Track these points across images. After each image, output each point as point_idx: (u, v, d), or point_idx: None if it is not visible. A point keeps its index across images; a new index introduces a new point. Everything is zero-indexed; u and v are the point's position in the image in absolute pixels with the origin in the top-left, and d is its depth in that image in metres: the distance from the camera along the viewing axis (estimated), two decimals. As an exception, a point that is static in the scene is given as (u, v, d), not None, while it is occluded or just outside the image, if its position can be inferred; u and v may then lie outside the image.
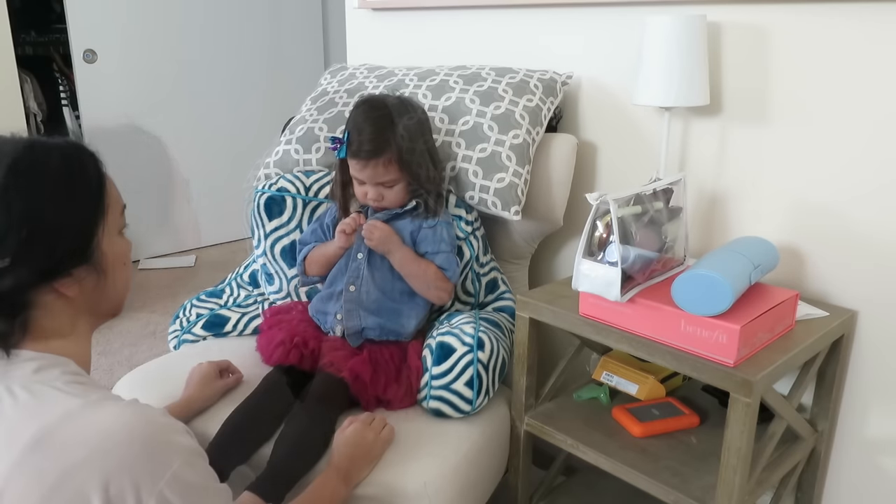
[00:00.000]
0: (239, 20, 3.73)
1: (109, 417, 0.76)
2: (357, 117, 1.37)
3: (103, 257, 0.86)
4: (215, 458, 1.19)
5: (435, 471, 1.20)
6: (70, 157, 0.85)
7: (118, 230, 0.90)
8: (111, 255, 0.87)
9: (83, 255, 0.84)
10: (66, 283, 0.83)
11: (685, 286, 1.09)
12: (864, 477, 1.35)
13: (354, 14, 2.06)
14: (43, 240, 0.80)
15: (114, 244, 0.88)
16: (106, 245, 0.86)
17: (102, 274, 0.86)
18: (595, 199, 1.12)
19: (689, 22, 1.27)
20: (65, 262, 0.82)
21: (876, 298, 1.27)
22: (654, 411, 1.32)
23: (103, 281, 0.87)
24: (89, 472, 0.72)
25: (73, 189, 0.83)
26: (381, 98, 1.42)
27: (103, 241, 0.86)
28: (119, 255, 0.90)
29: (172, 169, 3.68)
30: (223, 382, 1.37)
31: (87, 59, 3.28)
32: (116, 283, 0.90)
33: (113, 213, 0.88)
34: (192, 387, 1.34)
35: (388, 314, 1.42)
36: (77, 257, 0.83)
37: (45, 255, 0.80)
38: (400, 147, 1.34)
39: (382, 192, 1.38)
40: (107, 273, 0.87)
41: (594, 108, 1.61)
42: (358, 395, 1.31)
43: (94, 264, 0.85)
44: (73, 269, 0.83)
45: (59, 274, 0.82)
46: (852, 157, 1.26)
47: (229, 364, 1.41)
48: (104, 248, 0.86)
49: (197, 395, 1.32)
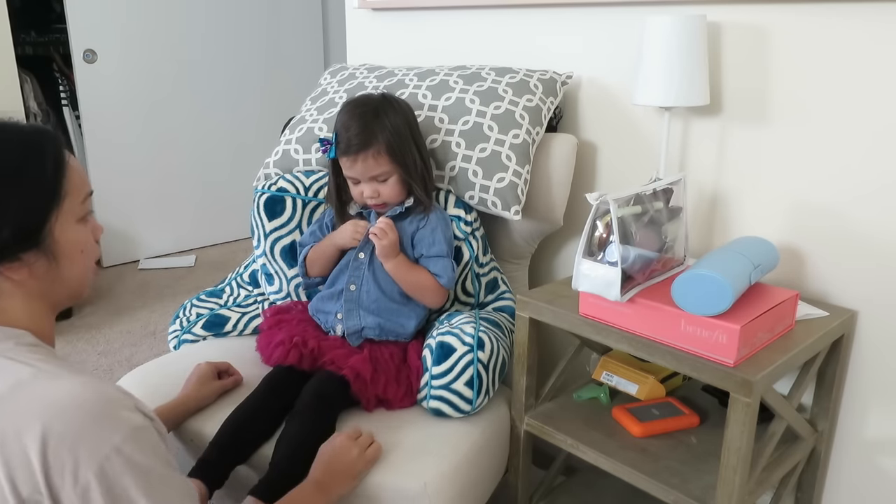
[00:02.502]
0: (239, 20, 3.73)
1: (59, 388, 0.76)
2: (343, 117, 1.39)
3: (55, 244, 0.85)
4: (215, 458, 1.21)
5: (435, 471, 1.20)
6: (27, 141, 0.85)
7: (78, 217, 0.89)
8: (65, 241, 0.87)
9: (31, 239, 0.84)
10: (13, 266, 0.83)
11: (685, 286, 1.09)
12: (864, 477, 1.35)
13: (354, 14, 2.06)
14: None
15: (69, 231, 0.87)
16: (59, 231, 0.86)
17: (54, 260, 0.86)
18: (595, 199, 1.12)
19: (689, 22, 1.27)
20: (10, 246, 0.82)
21: (876, 298, 1.27)
22: (654, 411, 1.32)
23: (55, 267, 0.86)
24: (32, 439, 0.72)
25: (24, 173, 0.83)
26: (364, 96, 1.45)
27: (56, 227, 0.85)
28: (76, 243, 0.89)
29: (172, 168, 3.68)
30: (220, 383, 1.36)
31: (87, 59, 3.28)
32: (71, 270, 0.89)
33: (72, 201, 0.87)
34: (188, 386, 1.34)
35: (388, 314, 1.42)
36: (24, 242, 0.83)
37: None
38: (388, 138, 1.36)
39: (378, 187, 1.39)
40: (59, 259, 0.86)
41: (594, 108, 1.61)
42: (358, 393, 1.31)
43: (44, 250, 0.85)
44: (20, 254, 0.83)
45: (5, 258, 0.83)
46: (852, 157, 1.26)
47: (229, 366, 1.41)
48: (56, 235, 0.85)
49: (192, 394, 1.32)
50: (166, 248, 3.74)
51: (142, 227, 3.63)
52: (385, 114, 1.37)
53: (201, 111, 3.71)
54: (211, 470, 1.19)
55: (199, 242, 3.87)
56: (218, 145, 3.80)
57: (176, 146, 3.67)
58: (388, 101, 1.41)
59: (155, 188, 3.64)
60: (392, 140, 1.36)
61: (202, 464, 1.19)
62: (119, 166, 3.47)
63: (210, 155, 3.79)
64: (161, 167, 3.64)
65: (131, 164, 3.52)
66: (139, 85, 3.47)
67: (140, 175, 3.56)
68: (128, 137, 3.48)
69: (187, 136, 3.69)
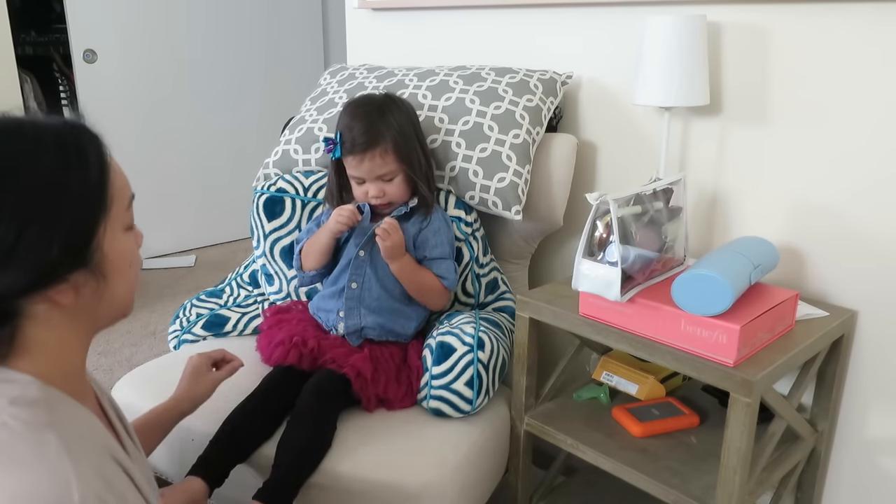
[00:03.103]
0: (239, 20, 3.73)
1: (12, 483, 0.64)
2: (346, 116, 1.39)
3: (104, 259, 0.75)
4: (215, 456, 1.21)
5: (435, 471, 1.20)
6: (66, 142, 0.73)
7: (124, 226, 0.78)
8: (114, 255, 0.76)
9: (81, 258, 0.73)
10: (60, 290, 0.72)
11: (685, 286, 1.09)
12: (864, 477, 1.35)
13: (354, 14, 2.06)
14: (33, 245, 0.69)
15: (118, 242, 0.77)
16: (108, 244, 0.75)
17: (103, 278, 0.75)
18: (595, 199, 1.12)
19: (689, 22, 1.27)
20: (59, 267, 0.71)
21: (876, 298, 1.27)
22: (654, 411, 1.32)
23: (104, 285, 0.76)
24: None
25: (69, 183, 0.72)
26: (367, 95, 1.46)
27: (105, 240, 0.74)
28: (124, 255, 0.78)
29: (172, 169, 3.69)
30: (215, 376, 1.25)
31: (87, 59, 3.28)
32: (119, 286, 0.78)
33: (118, 207, 0.76)
34: (181, 384, 1.23)
35: (389, 314, 1.42)
36: (74, 261, 0.72)
37: (36, 261, 0.69)
38: (394, 136, 1.35)
39: (383, 187, 1.38)
40: (108, 277, 0.76)
41: (594, 108, 1.61)
42: (359, 392, 1.31)
43: (93, 268, 0.74)
44: (68, 275, 0.72)
45: (53, 281, 0.71)
46: (852, 157, 1.26)
47: (224, 354, 1.29)
48: (106, 249, 0.75)
49: (185, 395, 1.20)
50: (166, 248, 3.74)
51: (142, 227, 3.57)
52: (390, 112, 1.37)
53: (201, 111, 3.70)
54: (211, 468, 1.19)
55: (199, 242, 3.87)
56: (218, 145, 3.80)
57: (176, 146, 3.67)
58: (392, 101, 1.41)
59: (155, 188, 3.63)
60: (398, 139, 1.36)
61: (202, 462, 1.19)
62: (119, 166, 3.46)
63: (210, 155, 3.79)
64: (161, 167, 3.64)
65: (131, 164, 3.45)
66: (139, 85, 3.47)
67: (140, 175, 3.55)
68: (128, 137, 3.48)
69: (187, 136, 3.69)
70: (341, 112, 1.42)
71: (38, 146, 0.71)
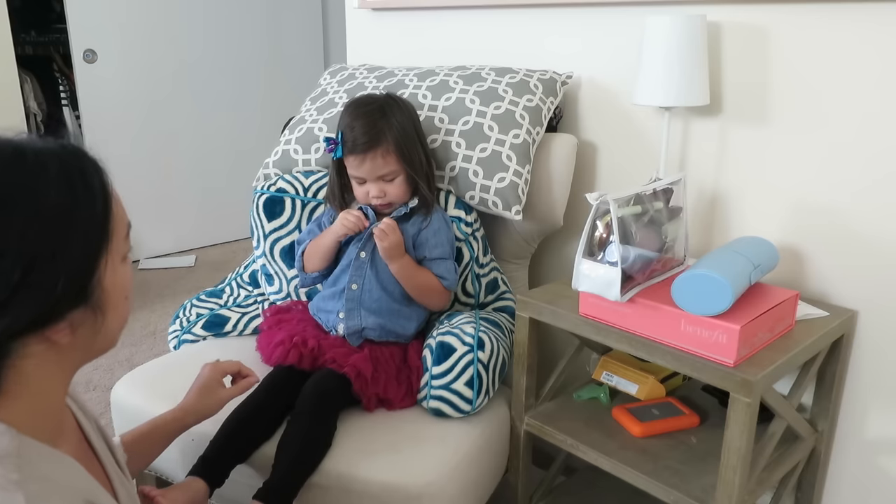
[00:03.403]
0: (239, 20, 3.73)
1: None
2: (348, 116, 1.39)
3: (104, 294, 0.71)
4: (216, 456, 1.21)
5: (435, 471, 1.20)
6: (70, 171, 0.68)
7: (122, 256, 0.74)
8: (113, 289, 0.72)
9: (83, 294, 0.69)
10: (58, 329, 0.68)
11: (685, 286, 1.09)
12: (864, 477, 1.35)
13: (354, 14, 2.06)
14: (38, 281, 0.64)
15: (116, 275, 0.73)
16: (108, 279, 0.71)
17: (101, 314, 0.71)
18: (595, 199, 1.12)
19: (689, 22, 1.27)
20: (62, 304, 0.67)
21: (876, 298, 1.27)
22: (654, 411, 1.32)
23: (101, 321, 0.72)
24: None
25: (76, 215, 0.67)
26: (368, 95, 1.45)
27: (106, 274, 0.70)
28: (121, 288, 0.74)
29: (172, 169, 3.69)
30: (226, 393, 1.21)
31: (87, 59, 3.28)
32: (115, 321, 0.75)
33: (117, 238, 0.73)
34: (190, 396, 1.20)
35: (390, 315, 1.42)
36: (76, 298, 0.68)
37: (39, 299, 0.65)
38: (396, 136, 1.35)
39: (384, 187, 1.38)
40: (106, 312, 0.72)
41: (594, 108, 1.61)
42: (360, 392, 1.31)
43: (92, 305, 0.70)
44: (68, 313, 0.68)
45: (53, 320, 0.67)
46: (852, 157, 1.26)
47: (239, 367, 1.25)
48: (106, 284, 0.71)
49: (191, 407, 1.18)
50: (166, 248, 3.74)
51: (142, 227, 3.60)
52: (392, 112, 1.37)
53: (201, 111, 3.70)
54: (211, 468, 1.19)
55: (199, 242, 3.87)
56: (218, 145, 3.80)
57: (176, 146, 3.67)
58: (393, 100, 1.41)
59: (155, 188, 3.64)
60: (399, 139, 1.36)
61: (203, 462, 1.19)
62: (119, 166, 3.38)
63: (210, 155, 3.79)
64: (161, 167, 3.64)
65: (131, 163, 3.51)
66: (139, 85, 3.47)
67: (140, 175, 3.56)
68: (128, 137, 3.48)
69: (187, 135, 3.69)
70: (342, 111, 1.42)
71: (43, 176, 0.66)
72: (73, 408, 0.85)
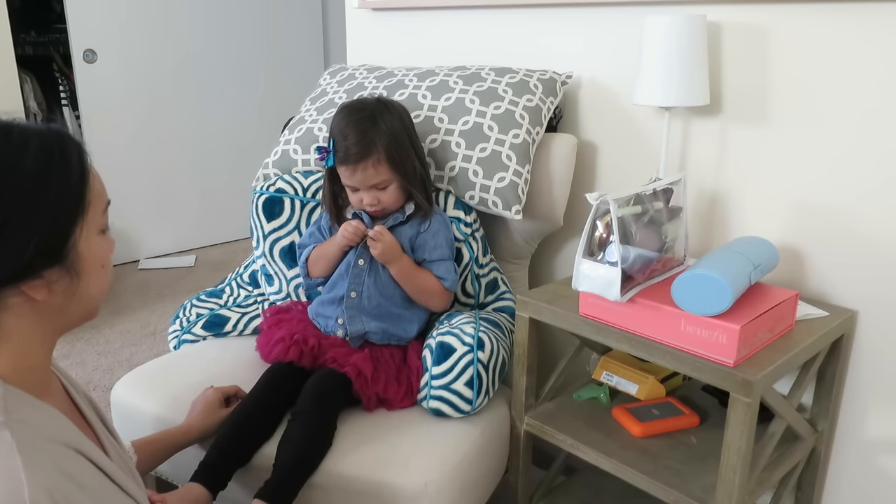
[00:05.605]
0: (239, 20, 3.73)
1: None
2: (339, 123, 1.37)
3: (79, 259, 0.78)
4: (217, 461, 1.21)
5: (435, 471, 1.20)
6: (50, 147, 0.77)
7: (99, 229, 0.82)
8: (88, 256, 0.80)
9: (56, 256, 0.76)
10: (34, 285, 0.75)
11: (685, 286, 1.09)
12: (864, 477, 1.35)
13: (354, 14, 2.06)
14: (12, 238, 0.73)
15: (92, 245, 0.81)
16: (83, 246, 0.79)
17: (76, 277, 0.79)
18: (595, 199, 1.12)
19: (689, 22, 1.27)
20: (35, 263, 0.74)
21: (876, 298, 1.27)
22: (654, 411, 1.32)
23: (76, 284, 0.79)
24: None
25: (51, 183, 0.76)
26: (359, 101, 1.43)
27: (80, 241, 0.78)
28: (97, 257, 0.82)
29: (172, 169, 3.69)
30: (227, 413, 1.29)
31: (87, 59, 3.28)
32: (91, 286, 0.81)
33: (94, 211, 0.80)
34: (193, 415, 1.29)
35: (391, 319, 1.42)
36: (49, 258, 0.76)
37: (13, 254, 0.73)
38: (387, 145, 1.34)
39: (377, 195, 1.38)
40: (81, 276, 0.79)
41: (594, 108, 1.61)
42: (360, 392, 1.31)
43: (67, 266, 0.77)
44: (43, 271, 0.75)
45: (28, 276, 0.75)
46: (852, 157, 1.26)
47: (238, 390, 1.35)
48: (80, 250, 0.78)
49: (196, 424, 1.26)
50: (166, 248, 3.74)
51: (142, 226, 3.62)
52: (382, 118, 1.35)
53: (201, 111, 3.71)
54: (213, 474, 1.19)
55: (199, 242, 3.87)
56: (218, 145, 3.80)
57: (176, 146, 3.67)
58: (384, 105, 1.39)
59: (155, 188, 3.64)
60: (391, 147, 1.34)
61: (204, 468, 1.19)
62: (119, 166, 3.46)
63: (210, 155, 3.79)
64: (161, 167, 3.64)
65: (131, 164, 3.52)
66: (139, 85, 3.47)
67: (140, 175, 3.56)
68: (128, 137, 3.48)
69: (187, 135, 3.69)
70: (333, 116, 1.41)
71: (24, 148, 0.75)
72: (63, 380, 0.91)
